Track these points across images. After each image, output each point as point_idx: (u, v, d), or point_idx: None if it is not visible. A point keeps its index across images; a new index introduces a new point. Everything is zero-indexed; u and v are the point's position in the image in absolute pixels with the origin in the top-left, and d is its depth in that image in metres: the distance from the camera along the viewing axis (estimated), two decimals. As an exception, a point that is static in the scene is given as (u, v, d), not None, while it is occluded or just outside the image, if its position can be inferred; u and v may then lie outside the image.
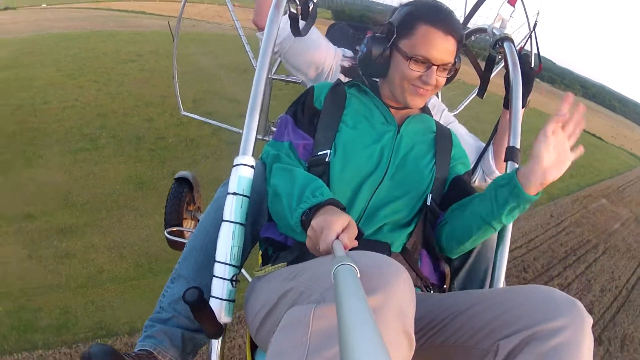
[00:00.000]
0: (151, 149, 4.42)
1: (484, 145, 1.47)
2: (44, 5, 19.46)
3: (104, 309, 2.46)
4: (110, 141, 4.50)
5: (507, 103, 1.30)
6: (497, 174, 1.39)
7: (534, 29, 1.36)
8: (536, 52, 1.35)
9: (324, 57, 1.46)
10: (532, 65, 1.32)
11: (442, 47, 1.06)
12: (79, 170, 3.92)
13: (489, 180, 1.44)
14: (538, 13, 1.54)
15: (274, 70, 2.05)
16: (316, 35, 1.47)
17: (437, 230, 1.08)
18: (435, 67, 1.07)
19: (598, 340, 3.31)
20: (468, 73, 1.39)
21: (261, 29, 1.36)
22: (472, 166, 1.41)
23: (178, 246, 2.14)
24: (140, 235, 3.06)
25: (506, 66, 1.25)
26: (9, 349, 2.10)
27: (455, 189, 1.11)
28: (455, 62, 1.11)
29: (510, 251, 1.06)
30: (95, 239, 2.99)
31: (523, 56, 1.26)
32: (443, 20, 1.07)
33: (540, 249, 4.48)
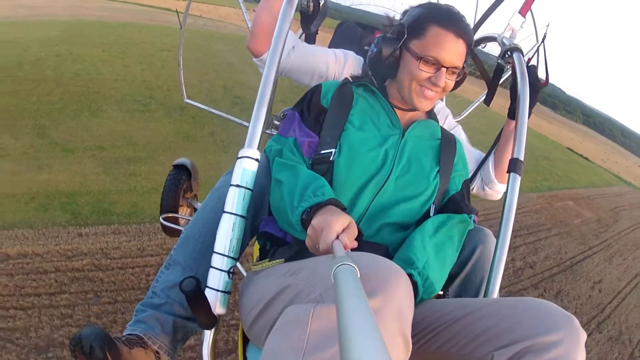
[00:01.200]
0: (192, 116, 5.22)
1: (483, 153, 1.46)
2: None
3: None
4: (159, 107, 5.36)
5: (511, 113, 1.29)
6: (496, 183, 1.39)
7: (542, 41, 1.36)
8: (545, 64, 1.34)
9: (325, 69, 1.44)
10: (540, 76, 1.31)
11: (453, 50, 1.07)
12: (137, 124, 4.70)
13: (487, 189, 1.43)
14: (548, 25, 1.54)
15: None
16: (314, 48, 1.45)
17: None
18: (444, 69, 1.07)
19: (534, 287, 3.93)
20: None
21: (256, 56, 1.34)
22: (470, 175, 1.40)
23: (173, 232, 2.14)
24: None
25: (513, 75, 1.24)
26: (91, 223, 2.82)
27: (450, 207, 1.10)
28: (464, 66, 1.12)
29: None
30: (155, 166, 3.80)
31: (530, 67, 1.26)
32: (455, 23, 1.08)
33: (495, 221, 4.79)
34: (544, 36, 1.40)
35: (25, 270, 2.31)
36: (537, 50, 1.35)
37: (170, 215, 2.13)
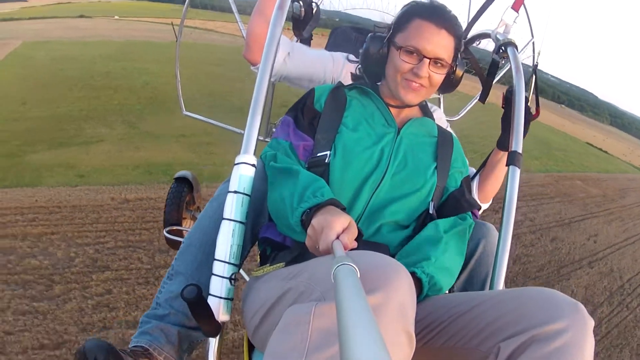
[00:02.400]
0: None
1: (473, 169, 1.43)
2: (116, 17, 21.91)
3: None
4: (221, 109, 6.22)
5: (501, 144, 1.26)
6: (479, 202, 1.36)
7: (534, 71, 1.34)
8: (536, 96, 1.30)
9: (323, 73, 1.45)
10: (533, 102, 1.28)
11: (434, 40, 1.07)
12: (207, 119, 5.85)
13: None
14: (539, 53, 1.53)
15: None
16: (310, 53, 1.46)
17: None
18: (427, 60, 1.07)
19: (532, 233, 4.53)
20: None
21: (252, 64, 1.35)
22: None
23: (177, 245, 2.14)
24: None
25: (504, 104, 1.21)
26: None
27: (450, 204, 1.10)
28: (455, 65, 1.13)
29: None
30: (228, 147, 4.59)
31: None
32: (436, 14, 1.09)
33: (503, 186, 5.48)
34: (536, 65, 1.38)
35: (143, 207, 3.36)
36: (532, 76, 1.33)
37: (174, 228, 2.14)
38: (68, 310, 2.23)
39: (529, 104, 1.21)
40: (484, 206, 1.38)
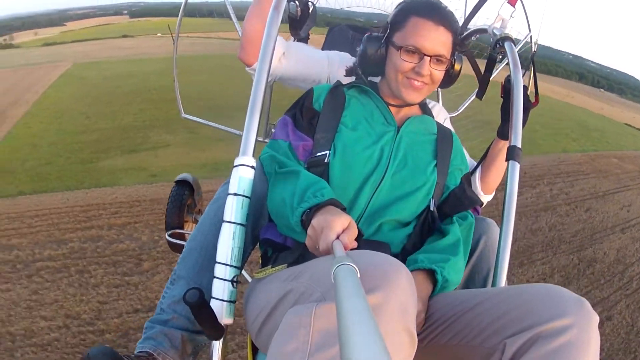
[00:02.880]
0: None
1: (474, 162, 1.43)
2: (159, 34, 22.64)
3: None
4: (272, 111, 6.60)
5: (501, 133, 1.26)
6: (482, 194, 1.36)
7: (532, 59, 1.33)
8: (535, 83, 1.29)
9: (319, 73, 1.44)
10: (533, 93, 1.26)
11: (433, 37, 1.07)
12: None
13: None
14: (536, 43, 1.52)
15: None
16: (305, 53, 1.45)
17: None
18: (427, 58, 1.07)
19: (567, 204, 4.87)
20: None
21: (247, 65, 1.34)
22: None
23: (178, 249, 2.14)
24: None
25: (503, 94, 1.21)
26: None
27: (451, 201, 1.10)
28: (453, 59, 1.12)
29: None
30: None
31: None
32: (433, 11, 1.09)
33: (540, 166, 6.32)
34: (534, 54, 1.37)
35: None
36: (527, 70, 1.32)
37: (175, 231, 2.13)
38: (157, 281, 2.63)
39: (528, 93, 1.20)
40: (487, 198, 1.38)
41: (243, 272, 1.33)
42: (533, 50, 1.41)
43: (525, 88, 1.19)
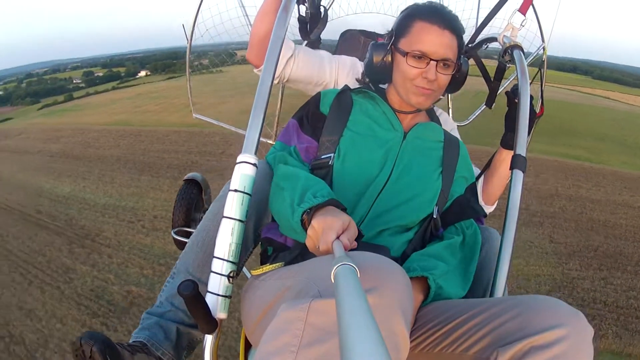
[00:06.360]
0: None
1: (478, 169, 1.40)
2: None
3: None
4: None
5: (505, 143, 1.25)
6: (483, 204, 1.34)
7: (540, 69, 1.31)
8: (541, 92, 1.28)
9: (327, 76, 1.44)
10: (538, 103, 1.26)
11: (439, 41, 1.07)
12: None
13: None
14: (545, 50, 1.51)
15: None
16: (314, 57, 1.45)
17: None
18: (434, 63, 1.07)
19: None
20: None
21: (256, 66, 1.34)
22: None
23: (184, 246, 2.15)
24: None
25: (509, 104, 1.19)
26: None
27: (454, 210, 1.09)
28: (460, 63, 1.12)
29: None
30: None
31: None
32: (437, 15, 1.08)
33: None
34: (542, 62, 1.36)
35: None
36: (539, 76, 1.31)
37: (181, 229, 2.15)
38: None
39: (533, 102, 1.19)
40: (489, 209, 1.36)
41: (244, 269, 1.34)
42: (543, 59, 1.40)
43: (531, 98, 1.18)
